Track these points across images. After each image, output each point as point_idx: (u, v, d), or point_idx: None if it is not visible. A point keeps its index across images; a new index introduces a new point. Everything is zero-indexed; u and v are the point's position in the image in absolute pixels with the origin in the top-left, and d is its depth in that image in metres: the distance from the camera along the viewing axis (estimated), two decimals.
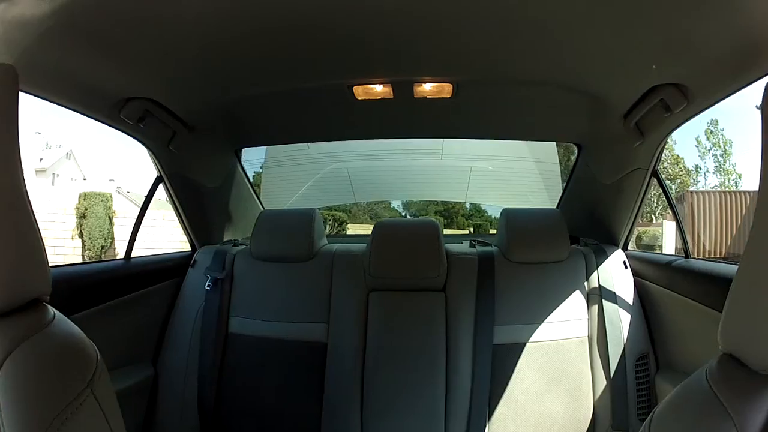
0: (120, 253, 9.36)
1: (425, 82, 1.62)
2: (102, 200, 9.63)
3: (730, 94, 1.37)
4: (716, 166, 13.03)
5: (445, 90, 1.66)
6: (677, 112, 1.51)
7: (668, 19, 1.14)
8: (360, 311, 1.89)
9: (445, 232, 2.03)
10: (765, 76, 1.20)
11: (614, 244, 2.11)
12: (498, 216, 2.23)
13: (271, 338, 1.88)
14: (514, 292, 1.89)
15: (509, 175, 3.29)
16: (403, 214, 5.90)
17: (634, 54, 1.35)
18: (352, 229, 5.84)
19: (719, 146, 13.15)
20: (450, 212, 6.13)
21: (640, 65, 1.40)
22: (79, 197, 9.65)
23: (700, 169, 13.37)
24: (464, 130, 2.23)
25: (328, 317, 1.89)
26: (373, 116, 1.97)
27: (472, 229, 5.97)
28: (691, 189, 11.21)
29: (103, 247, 9.52)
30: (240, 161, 2.32)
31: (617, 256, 2.02)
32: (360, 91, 1.67)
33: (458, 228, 6.29)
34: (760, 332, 0.72)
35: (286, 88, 1.66)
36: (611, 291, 1.90)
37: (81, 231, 9.54)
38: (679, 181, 13.13)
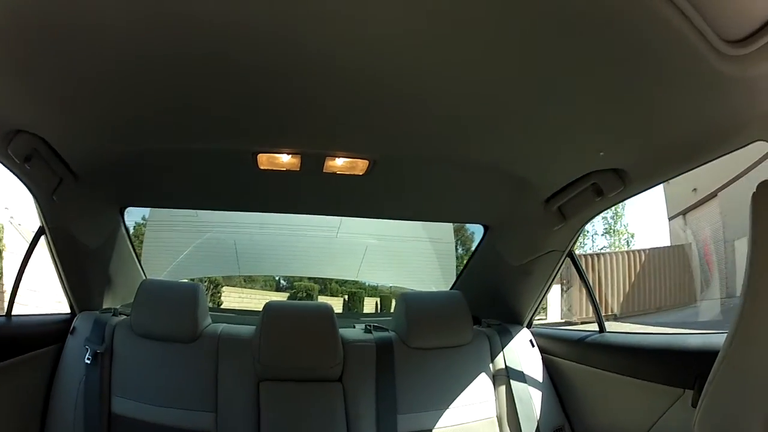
0: (7, 291, 8.25)
1: (337, 157, 1.52)
2: None
3: (670, 179, 1.40)
4: (606, 228, 13.34)
5: (359, 167, 1.57)
6: (610, 196, 1.48)
7: (619, 107, 1.11)
8: (250, 402, 1.77)
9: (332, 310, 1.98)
10: (709, 161, 1.22)
11: (519, 323, 2.12)
12: (374, 284, 2.19)
13: (156, 424, 1.70)
14: (417, 379, 1.84)
15: (403, 254, 3.34)
16: (277, 278, 5.87)
17: (574, 141, 1.31)
18: (227, 292, 5.68)
19: (610, 209, 14.06)
20: (324, 278, 6.09)
21: (579, 152, 1.37)
22: None
23: (588, 232, 14.20)
24: (372, 210, 2.13)
25: (215, 406, 1.74)
26: (276, 189, 1.84)
27: (347, 297, 6.06)
28: (576, 252, 11.92)
29: None
30: (124, 222, 2.14)
31: (523, 335, 2.04)
32: (264, 160, 1.55)
33: (332, 295, 6.30)
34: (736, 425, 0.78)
35: (184, 147, 1.53)
36: (519, 370, 1.91)
37: None
38: None
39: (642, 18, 0.79)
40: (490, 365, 1.95)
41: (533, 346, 2.04)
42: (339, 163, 1.55)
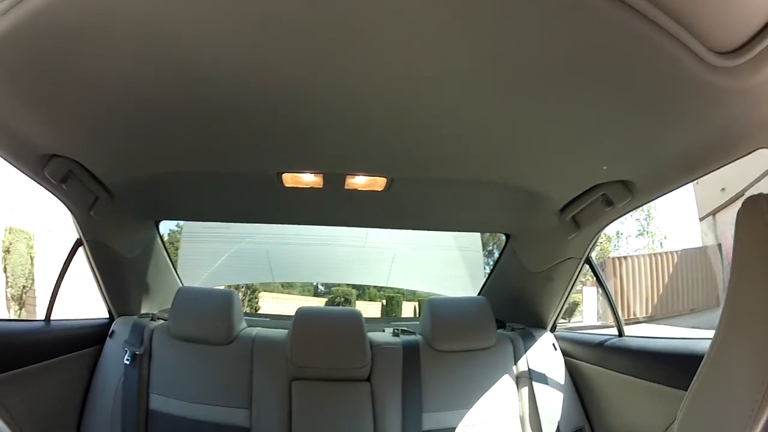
0: (40, 295, 8.89)
1: (357, 175, 1.58)
2: (25, 238, 9.17)
3: (676, 189, 1.40)
4: (639, 230, 13.16)
5: (378, 183, 1.63)
6: (619, 206, 1.53)
7: (621, 124, 1.14)
8: (283, 400, 1.84)
9: (363, 312, 2.06)
10: (713, 170, 1.24)
11: (542, 327, 2.15)
12: (410, 290, 2.22)
13: (192, 419, 1.80)
14: (442, 380, 1.89)
15: (432, 261, 3.39)
16: (315, 284, 6.10)
17: (580, 156, 1.36)
18: (265, 297, 5.97)
19: (642, 210, 13.10)
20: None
21: (586, 166, 1.42)
22: (6, 230, 9.16)
23: (621, 234, 13.31)
24: (394, 221, 2.22)
25: (249, 403, 1.83)
26: (301, 203, 1.89)
27: (384, 301, 6.20)
28: (611, 255, 11.58)
29: (24, 287, 8.98)
30: (159, 233, 2.26)
31: (546, 339, 2.07)
32: (288, 179, 1.62)
33: (370, 299, 6.45)
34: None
35: (211, 169, 1.60)
36: (541, 373, 1.94)
37: (5, 266, 9.02)
38: (599, 248, 13.19)
39: (631, 41, 0.82)
40: (513, 368, 1.98)
41: (556, 349, 2.06)
42: (359, 181, 1.63)
